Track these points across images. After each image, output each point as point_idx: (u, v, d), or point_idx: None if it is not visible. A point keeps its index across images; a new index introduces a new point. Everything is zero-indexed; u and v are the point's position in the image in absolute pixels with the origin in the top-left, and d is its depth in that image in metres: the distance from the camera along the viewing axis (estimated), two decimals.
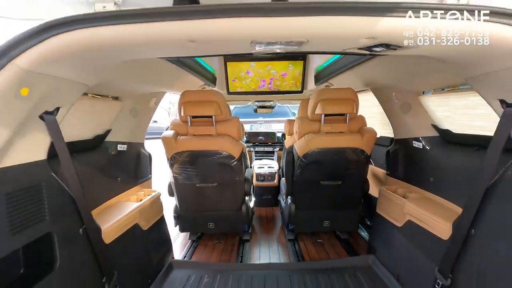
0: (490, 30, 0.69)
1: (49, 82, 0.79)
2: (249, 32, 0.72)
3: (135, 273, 1.45)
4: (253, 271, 1.81)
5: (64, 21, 0.67)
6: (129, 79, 1.40)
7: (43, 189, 0.88)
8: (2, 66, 0.65)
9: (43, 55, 0.69)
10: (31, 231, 0.83)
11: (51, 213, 0.90)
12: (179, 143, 1.85)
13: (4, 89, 0.67)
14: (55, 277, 0.91)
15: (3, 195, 0.75)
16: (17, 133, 0.75)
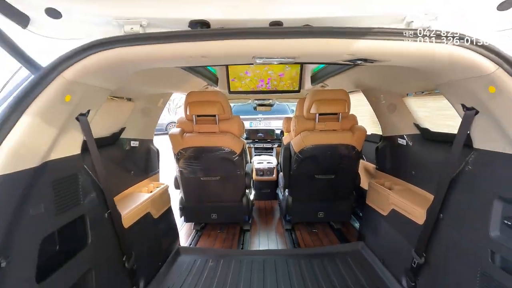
0: (446, 50, 0.85)
1: (84, 89, 0.95)
2: (251, 50, 0.89)
3: (148, 256, 1.63)
4: (253, 256, 1.99)
5: (101, 42, 0.83)
6: (142, 83, 1.56)
7: (78, 179, 1.05)
8: (53, 79, 0.81)
9: (84, 69, 0.85)
10: (70, 213, 1.00)
11: (84, 198, 1.07)
12: (185, 139, 2.02)
13: (54, 97, 0.83)
14: (88, 251, 1.08)
15: (51, 182, 0.92)
16: (60, 132, 0.91)
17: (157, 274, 1.68)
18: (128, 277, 1.38)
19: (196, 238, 2.38)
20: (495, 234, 0.96)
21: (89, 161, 1.11)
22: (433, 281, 1.29)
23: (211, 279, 1.71)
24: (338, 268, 1.82)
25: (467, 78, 0.94)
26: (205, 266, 1.86)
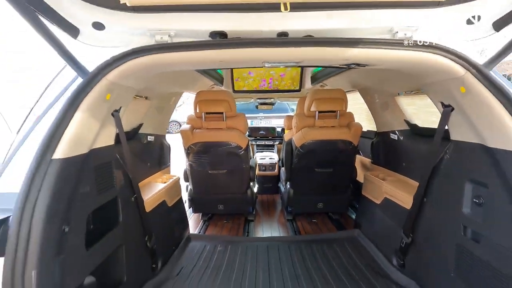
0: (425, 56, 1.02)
1: (119, 88, 1.12)
2: (261, 57, 1.06)
3: (163, 239, 1.80)
4: (258, 242, 2.16)
5: (137, 49, 1.00)
6: (158, 82, 1.73)
7: (112, 165, 1.21)
8: (99, 80, 0.98)
9: (122, 72, 1.01)
10: (107, 194, 1.17)
11: (116, 183, 1.24)
12: (195, 135, 2.19)
13: (98, 96, 0.99)
14: (119, 229, 1.25)
15: (94, 167, 1.08)
16: (101, 125, 1.08)
17: (171, 257, 1.85)
18: (150, 256, 1.55)
19: (204, 227, 2.55)
20: (467, 211, 1.13)
21: (120, 151, 1.28)
22: (418, 258, 1.47)
23: (220, 261, 1.88)
24: (336, 252, 1.99)
25: (443, 80, 1.11)
26: (214, 250, 2.03)
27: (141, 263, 1.47)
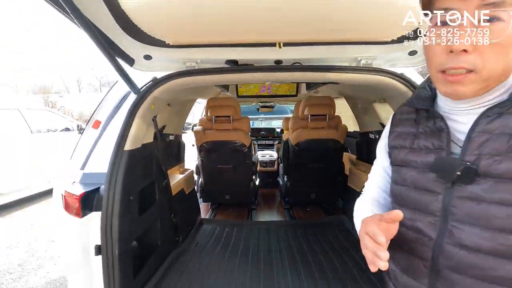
0: (380, 78, 1.43)
1: (158, 100, 1.53)
2: (263, 78, 1.46)
3: (183, 219, 2.20)
4: (260, 225, 2.57)
5: (174, 74, 1.41)
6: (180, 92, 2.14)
7: (152, 157, 1.62)
8: (147, 96, 1.38)
9: (163, 89, 1.42)
10: (148, 178, 1.57)
11: (153, 170, 1.65)
12: (206, 135, 2.60)
13: (147, 106, 1.40)
14: (156, 206, 1.66)
15: (142, 158, 1.49)
16: (147, 128, 1.48)
17: (188, 234, 2.26)
18: (174, 230, 1.96)
19: (212, 214, 2.96)
20: None
21: (155, 147, 1.70)
22: None
23: (228, 239, 2.28)
24: (324, 233, 2.39)
25: (394, 95, 1.51)
26: (223, 231, 2.43)
27: (168, 235, 1.88)
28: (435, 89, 0.63)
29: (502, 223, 0.49)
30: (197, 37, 1.31)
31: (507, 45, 0.49)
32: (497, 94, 0.54)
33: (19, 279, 2.65)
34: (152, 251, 1.60)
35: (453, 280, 0.55)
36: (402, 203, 0.64)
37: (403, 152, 0.66)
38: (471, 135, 0.54)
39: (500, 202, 0.49)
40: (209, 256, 1.98)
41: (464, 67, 0.50)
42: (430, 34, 0.54)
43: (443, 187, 0.56)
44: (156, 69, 1.45)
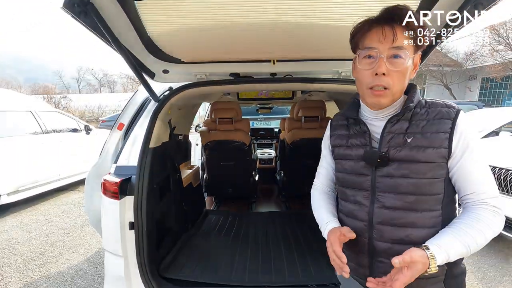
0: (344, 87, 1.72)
1: (174, 106, 1.83)
2: (261, 87, 1.77)
3: (191, 209, 2.51)
4: (259, 215, 2.88)
5: (188, 85, 1.71)
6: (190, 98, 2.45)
7: (168, 154, 1.92)
8: (166, 103, 1.68)
9: (179, 97, 1.72)
10: (164, 172, 1.87)
11: (169, 165, 1.95)
12: (210, 134, 2.90)
13: (166, 111, 1.69)
14: (170, 195, 1.96)
15: (160, 154, 1.79)
16: (165, 129, 1.78)
17: (196, 222, 2.56)
18: (184, 217, 2.26)
19: (216, 207, 3.27)
20: None
21: (169, 145, 2.00)
22: None
23: (231, 226, 2.58)
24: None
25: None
26: (226, 221, 2.73)
27: (180, 221, 2.19)
28: (359, 104, 0.93)
29: (405, 189, 0.80)
30: (206, 55, 1.61)
31: (405, 73, 0.79)
32: (395, 107, 0.85)
33: (43, 265, 2.95)
34: (167, 233, 1.90)
35: (381, 230, 0.85)
36: (344, 185, 0.94)
37: (342, 149, 0.95)
38: (383, 135, 0.84)
39: (402, 176, 0.80)
40: (214, 240, 2.28)
41: (383, 85, 0.79)
42: (360, 64, 0.83)
43: (370, 170, 0.86)
44: (172, 81, 1.75)
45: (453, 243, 0.72)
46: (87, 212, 1.90)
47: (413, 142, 0.80)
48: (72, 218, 4.22)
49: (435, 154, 0.78)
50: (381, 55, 0.78)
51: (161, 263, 1.65)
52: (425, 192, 0.80)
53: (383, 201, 0.84)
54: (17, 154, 4.50)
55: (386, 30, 0.77)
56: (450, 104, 0.83)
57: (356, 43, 0.85)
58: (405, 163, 0.80)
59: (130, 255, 1.39)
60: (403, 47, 0.78)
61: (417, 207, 0.80)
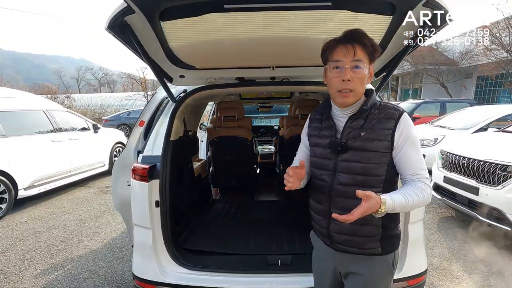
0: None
1: (188, 106, 2.13)
2: (262, 90, 2.08)
3: (200, 197, 2.82)
4: (261, 203, 3.19)
5: (200, 87, 2.01)
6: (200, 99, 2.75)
7: (183, 147, 2.23)
8: (182, 103, 1.98)
9: (192, 98, 2.01)
10: (180, 161, 2.18)
11: (184, 157, 2.25)
12: (216, 131, 3.21)
13: (181, 110, 1.99)
14: (184, 182, 2.27)
15: (179, 146, 2.08)
16: (180, 125, 2.09)
17: (204, 209, 2.87)
18: (195, 202, 2.57)
19: (221, 197, 3.58)
20: None
21: (183, 140, 2.30)
22: None
23: (236, 212, 2.89)
24: None
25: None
26: (231, 208, 3.04)
27: (193, 205, 2.50)
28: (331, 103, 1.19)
29: (356, 171, 1.05)
30: (216, 62, 1.91)
31: (363, 79, 1.04)
32: (355, 107, 1.11)
33: (65, 250, 3.27)
34: (183, 214, 2.21)
35: (338, 201, 1.09)
36: (315, 166, 1.18)
37: (315, 138, 1.18)
38: (344, 129, 1.09)
39: (355, 161, 1.05)
40: (222, 223, 2.58)
41: (349, 88, 1.03)
42: (331, 73, 1.06)
43: (334, 156, 1.09)
44: (187, 84, 2.05)
45: (398, 197, 0.97)
46: (113, 197, 2.20)
47: (365, 136, 1.05)
48: (86, 211, 4.53)
49: (381, 145, 1.04)
50: (346, 66, 1.03)
51: (179, 237, 1.96)
52: (371, 174, 1.06)
53: (340, 179, 1.09)
54: (32, 151, 4.80)
55: (348, 47, 1.03)
56: (397, 107, 1.09)
57: (326, 57, 1.10)
58: (358, 151, 1.05)
59: (156, 228, 1.69)
60: (361, 60, 1.03)
61: (364, 184, 1.04)
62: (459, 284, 2.51)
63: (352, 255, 1.13)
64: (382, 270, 1.14)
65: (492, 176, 3.14)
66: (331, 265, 1.21)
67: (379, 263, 1.13)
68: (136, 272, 1.69)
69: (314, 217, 1.22)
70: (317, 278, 1.33)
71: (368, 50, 1.05)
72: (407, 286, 1.64)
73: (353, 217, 0.93)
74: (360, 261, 1.13)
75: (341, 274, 1.20)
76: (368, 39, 1.05)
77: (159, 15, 1.35)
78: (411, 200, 0.99)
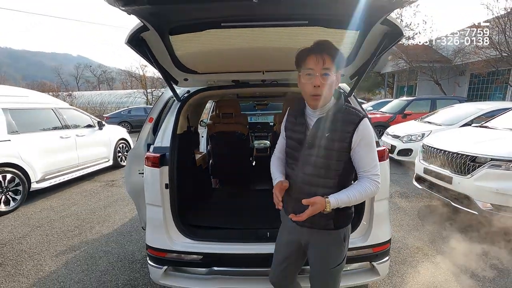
0: None
1: (191, 105, 2.47)
2: (255, 91, 2.42)
3: (202, 185, 3.16)
4: (256, 192, 3.54)
5: (202, 88, 2.35)
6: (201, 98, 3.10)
7: (186, 140, 2.57)
8: (186, 103, 2.33)
9: (195, 98, 2.35)
10: (185, 152, 2.52)
11: (187, 148, 2.60)
12: (215, 127, 3.55)
13: (185, 109, 2.32)
14: (188, 171, 2.61)
15: (183, 139, 2.43)
16: (184, 122, 2.43)
17: (205, 196, 3.22)
18: (197, 189, 2.92)
19: (220, 186, 3.93)
20: None
21: (188, 134, 2.65)
22: None
23: (233, 199, 3.24)
24: None
25: None
26: (230, 194, 3.39)
27: (195, 190, 2.85)
28: (305, 104, 1.36)
29: (318, 165, 1.25)
30: (215, 68, 2.25)
31: (331, 85, 1.20)
32: (324, 110, 1.29)
33: (80, 234, 3.62)
34: (187, 197, 2.56)
35: (303, 188, 1.29)
36: (288, 156, 1.40)
37: (289, 132, 1.38)
38: (313, 128, 1.27)
39: (318, 156, 1.25)
40: (220, 205, 2.92)
41: (319, 94, 1.20)
42: (304, 79, 1.22)
43: (302, 149, 1.29)
44: (189, 86, 2.39)
45: (342, 197, 1.19)
46: (126, 183, 2.55)
47: (329, 136, 1.22)
48: (94, 202, 4.88)
49: (341, 146, 1.22)
50: (316, 73, 1.18)
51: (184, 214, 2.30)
52: (330, 168, 1.25)
53: (304, 170, 1.29)
54: (42, 147, 5.12)
55: (318, 57, 1.18)
56: (359, 113, 1.25)
57: (300, 65, 1.26)
58: (322, 149, 1.24)
59: (166, 206, 2.03)
60: (329, 68, 1.18)
61: (324, 176, 1.26)
62: (428, 259, 2.88)
63: (311, 229, 1.37)
64: (335, 241, 1.39)
65: (463, 167, 3.51)
66: (295, 237, 1.46)
67: (332, 236, 1.37)
68: (149, 243, 2.04)
69: (285, 198, 1.48)
70: (279, 245, 1.58)
71: (335, 59, 1.20)
72: (372, 252, 1.99)
73: (302, 218, 1.21)
74: (317, 234, 1.37)
75: (303, 244, 1.45)
76: (335, 49, 1.21)
77: (168, 31, 1.69)
78: (354, 198, 1.22)
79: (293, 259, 1.53)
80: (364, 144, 1.23)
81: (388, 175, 2.07)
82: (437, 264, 2.79)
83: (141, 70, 25.00)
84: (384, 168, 1.99)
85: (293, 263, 1.55)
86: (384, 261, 2.03)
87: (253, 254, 1.94)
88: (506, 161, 3.12)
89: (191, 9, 1.49)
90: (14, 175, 4.55)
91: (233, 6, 1.45)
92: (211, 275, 1.98)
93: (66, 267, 2.85)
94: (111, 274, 2.70)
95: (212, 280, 1.98)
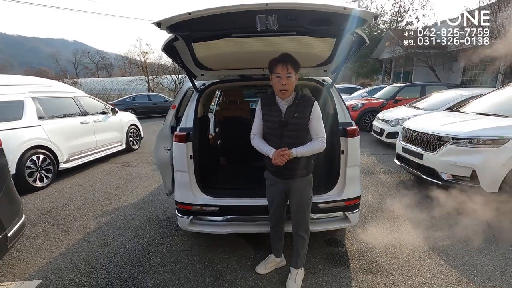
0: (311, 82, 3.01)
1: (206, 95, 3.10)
2: (257, 84, 3.04)
3: (213, 161, 3.83)
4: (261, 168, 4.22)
5: (216, 81, 2.98)
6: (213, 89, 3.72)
7: (203, 122, 3.21)
8: (203, 93, 2.95)
9: (210, 89, 2.97)
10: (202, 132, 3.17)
11: (203, 129, 3.25)
12: (223, 112, 4.19)
13: (202, 99, 2.95)
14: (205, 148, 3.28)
15: (202, 122, 3.07)
16: (201, 108, 3.06)
17: (216, 170, 3.91)
18: (210, 163, 3.59)
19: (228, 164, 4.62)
20: None
21: (203, 118, 3.29)
22: None
23: (240, 173, 3.92)
24: None
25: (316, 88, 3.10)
26: (236, 170, 4.07)
27: (210, 163, 3.53)
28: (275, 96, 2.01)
29: (293, 136, 1.94)
30: (225, 65, 2.87)
31: (293, 83, 1.89)
32: (290, 100, 1.95)
33: (110, 203, 4.33)
34: (205, 166, 3.23)
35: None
36: (268, 134, 2.02)
37: (267, 116, 2.00)
38: (286, 113, 1.95)
39: (292, 131, 1.94)
40: (230, 179, 3.61)
41: (286, 89, 1.88)
42: (274, 80, 1.90)
43: (280, 128, 1.95)
44: (205, 80, 3.01)
45: (300, 149, 1.88)
46: (155, 157, 3.22)
47: (298, 116, 1.90)
48: (116, 179, 5.57)
49: (305, 121, 1.91)
50: (283, 76, 1.85)
51: (203, 178, 2.99)
52: (300, 137, 1.93)
53: (284, 140, 1.93)
54: (66, 131, 5.76)
55: (283, 65, 1.84)
56: (311, 98, 1.96)
57: (271, 70, 1.91)
58: (294, 125, 1.92)
59: (191, 172, 2.70)
60: (291, 72, 1.85)
61: (297, 142, 1.91)
62: (397, 219, 3.60)
63: (293, 179, 2.04)
64: (308, 182, 2.12)
65: (432, 145, 4.18)
66: (279, 188, 2.13)
67: (306, 180, 2.09)
68: (178, 199, 2.73)
69: (268, 163, 2.09)
70: (270, 198, 2.25)
71: (294, 66, 1.88)
72: (345, 205, 2.68)
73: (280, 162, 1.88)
74: (296, 181, 2.05)
75: (285, 191, 2.13)
76: (295, 60, 1.89)
77: (192, 40, 2.31)
78: (307, 150, 1.91)
79: (281, 202, 2.23)
80: (316, 118, 1.94)
81: (359, 148, 2.72)
82: (402, 219, 3.52)
83: (142, 57, 25.22)
84: (355, 142, 2.66)
85: (281, 205, 2.27)
86: (354, 212, 2.73)
87: (256, 205, 2.64)
88: (464, 138, 3.78)
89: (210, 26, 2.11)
90: (45, 156, 5.20)
91: (241, 26, 2.07)
92: (226, 221, 2.69)
93: (107, 225, 3.57)
94: (144, 229, 3.43)
95: (226, 225, 2.69)
